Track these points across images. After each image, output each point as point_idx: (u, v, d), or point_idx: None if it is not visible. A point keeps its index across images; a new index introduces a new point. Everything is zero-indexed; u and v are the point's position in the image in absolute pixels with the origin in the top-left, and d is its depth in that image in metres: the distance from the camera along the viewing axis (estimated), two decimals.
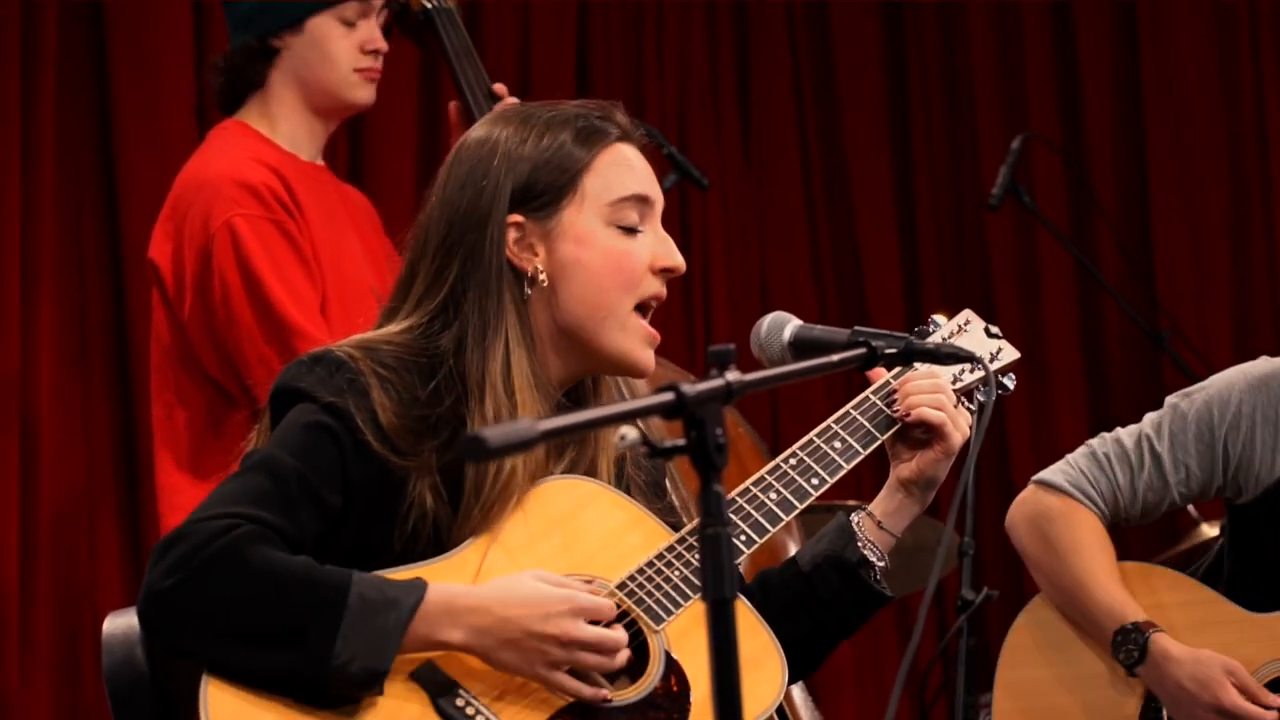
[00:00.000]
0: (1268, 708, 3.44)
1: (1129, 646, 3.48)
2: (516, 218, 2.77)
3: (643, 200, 2.80)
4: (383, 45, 4.21)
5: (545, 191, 2.77)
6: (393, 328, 2.78)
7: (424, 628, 2.56)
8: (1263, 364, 3.61)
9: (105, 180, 5.28)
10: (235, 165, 4.09)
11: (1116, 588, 3.52)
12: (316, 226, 4.14)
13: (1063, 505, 3.60)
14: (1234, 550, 3.61)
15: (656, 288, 2.81)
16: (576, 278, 2.77)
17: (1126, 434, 3.63)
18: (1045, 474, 3.65)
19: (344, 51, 4.19)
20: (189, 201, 4.10)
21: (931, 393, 2.85)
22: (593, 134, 2.80)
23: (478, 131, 2.84)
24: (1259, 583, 3.54)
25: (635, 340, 2.80)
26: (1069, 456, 3.66)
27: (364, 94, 4.25)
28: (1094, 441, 3.65)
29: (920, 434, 2.86)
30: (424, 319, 2.76)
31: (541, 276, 2.76)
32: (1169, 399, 3.63)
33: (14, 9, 5.12)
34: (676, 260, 2.82)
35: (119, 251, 5.23)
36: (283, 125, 4.23)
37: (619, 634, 2.62)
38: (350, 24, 4.18)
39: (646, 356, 2.82)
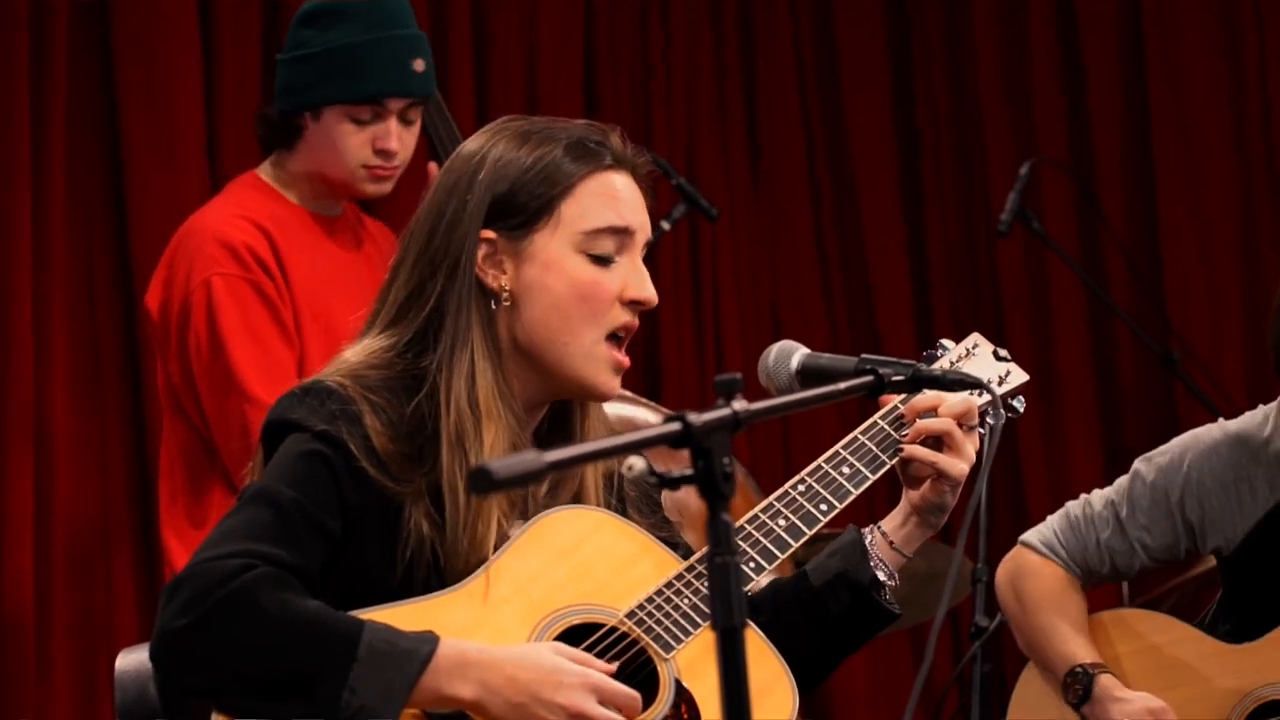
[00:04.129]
0: None
1: (1076, 686, 3.60)
2: (489, 233, 2.76)
3: (621, 232, 2.78)
4: (392, 146, 4.23)
5: (522, 210, 2.76)
6: (373, 343, 2.77)
7: (433, 681, 2.56)
8: (1216, 430, 3.70)
9: (117, 221, 5.28)
10: (221, 223, 4.19)
11: (1075, 636, 3.67)
12: (306, 283, 4.21)
13: (1037, 563, 3.74)
14: (1228, 591, 3.70)
15: (626, 318, 2.78)
16: (540, 302, 2.76)
17: (1097, 497, 3.74)
18: (1026, 535, 3.78)
19: (354, 148, 4.23)
20: (179, 255, 4.22)
21: (939, 416, 2.84)
22: (582, 156, 2.78)
23: (473, 142, 2.82)
24: (1252, 617, 3.63)
25: (599, 366, 2.78)
26: (1048, 518, 3.78)
27: (372, 188, 4.30)
28: (1070, 503, 3.77)
29: (925, 466, 2.86)
30: (407, 335, 2.76)
31: (505, 295, 2.76)
32: (1135, 462, 3.74)
33: (22, 42, 5.13)
34: (647, 293, 2.79)
35: (130, 286, 5.24)
36: (293, 187, 4.32)
37: None
38: (362, 123, 4.22)
39: (609, 382, 2.79)
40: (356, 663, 2.53)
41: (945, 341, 3.05)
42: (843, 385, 2.63)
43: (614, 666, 2.65)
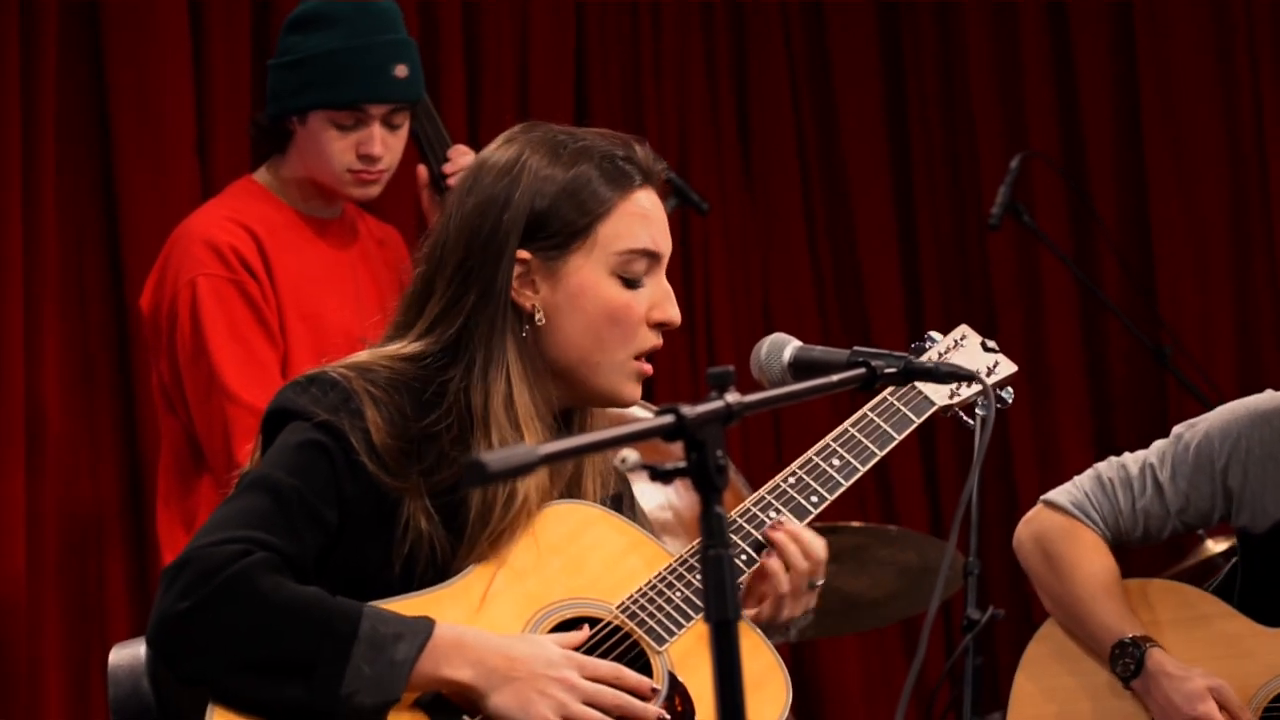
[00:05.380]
0: None
1: (1126, 660, 3.54)
2: (524, 254, 2.76)
3: (652, 255, 2.80)
4: (375, 150, 4.26)
5: (559, 231, 2.76)
6: (400, 348, 2.78)
7: (431, 663, 2.58)
8: (1267, 399, 3.64)
9: (107, 223, 5.27)
10: (208, 224, 4.25)
11: (1115, 604, 3.58)
12: (294, 284, 4.26)
13: (1066, 524, 3.66)
14: (1246, 570, 3.65)
15: (653, 340, 2.81)
16: (574, 323, 2.77)
17: (1132, 460, 3.67)
18: (1051, 494, 3.70)
19: (337, 152, 4.27)
20: (170, 257, 4.27)
21: (799, 554, 2.77)
22: (618, 177, 2.78)
23: (506, 152, 2.81)
24: (1270, 601, 3.59)
25: (626, 379, 2.80)
26: (1076, 478, 3.70)
27: (358, 192, 4.34)
28: (1101, 465, 3.69)
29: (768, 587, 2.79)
30: (436, 347, 2.76)
31: (539, 315, 2.77)
32: (1175, 428, 3.67)
33: (12, 45, 5.13)
34: (672, 314, 2.81)
35: (121, 288, 5.24)
36: (287, 191, 4.37)
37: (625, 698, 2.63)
38: (345, 128, 4.26)
39: (634, 392, 2.83)
40: (358, 643, 2.55)
41: (933, 333, 3.05)
42: (835, 378, 2.63)
43: (584, 635, 2.66)
